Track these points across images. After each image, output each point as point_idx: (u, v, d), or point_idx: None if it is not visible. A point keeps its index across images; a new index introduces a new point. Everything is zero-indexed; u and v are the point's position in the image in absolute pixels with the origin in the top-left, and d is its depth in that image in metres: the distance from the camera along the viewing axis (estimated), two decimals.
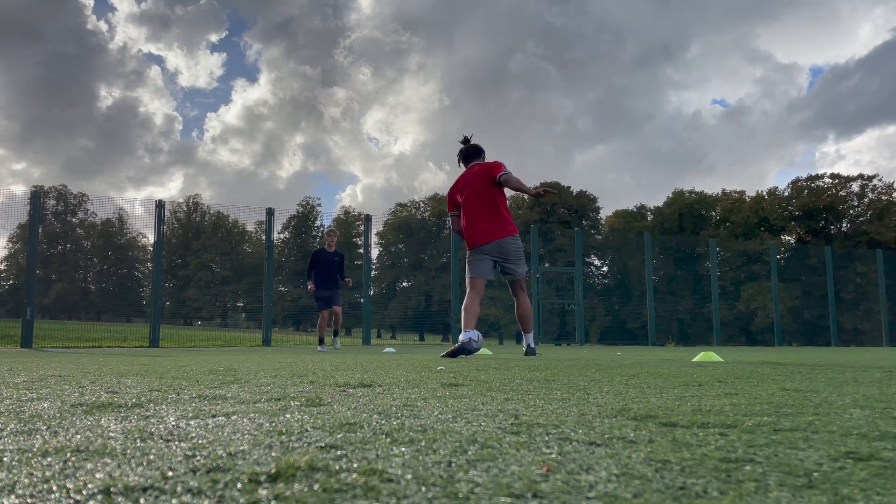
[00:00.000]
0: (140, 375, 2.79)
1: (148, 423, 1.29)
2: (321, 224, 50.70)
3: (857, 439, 1.11)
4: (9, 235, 34.31)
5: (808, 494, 0.74)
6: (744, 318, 38.68)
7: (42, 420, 1.35)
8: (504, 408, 1.57)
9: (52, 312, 37.72)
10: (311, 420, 1.33)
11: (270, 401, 1.72)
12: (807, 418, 1.39)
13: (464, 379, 2.56)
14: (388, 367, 3.55)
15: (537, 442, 1.07)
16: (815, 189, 48.60)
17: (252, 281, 41.68)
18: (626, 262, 40.39)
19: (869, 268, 29.52)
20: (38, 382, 2.39)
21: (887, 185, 47.15)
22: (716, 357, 4.64)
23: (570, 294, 25.05)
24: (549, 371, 3.13)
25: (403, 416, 1.41)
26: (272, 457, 0.93)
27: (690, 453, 0.98)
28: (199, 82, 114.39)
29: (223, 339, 18.85)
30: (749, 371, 3.18)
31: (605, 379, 2.60)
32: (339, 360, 4.73)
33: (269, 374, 2.86)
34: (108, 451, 0.98)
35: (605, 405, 1.63)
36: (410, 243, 44.87)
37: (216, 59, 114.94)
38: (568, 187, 51.28)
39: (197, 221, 52.04)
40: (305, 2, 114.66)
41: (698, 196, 50.90)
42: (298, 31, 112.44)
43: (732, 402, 1.72)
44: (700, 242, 39.21)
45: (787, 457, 0.96)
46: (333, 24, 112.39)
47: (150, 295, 19.91)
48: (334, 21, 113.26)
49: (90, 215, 46.96)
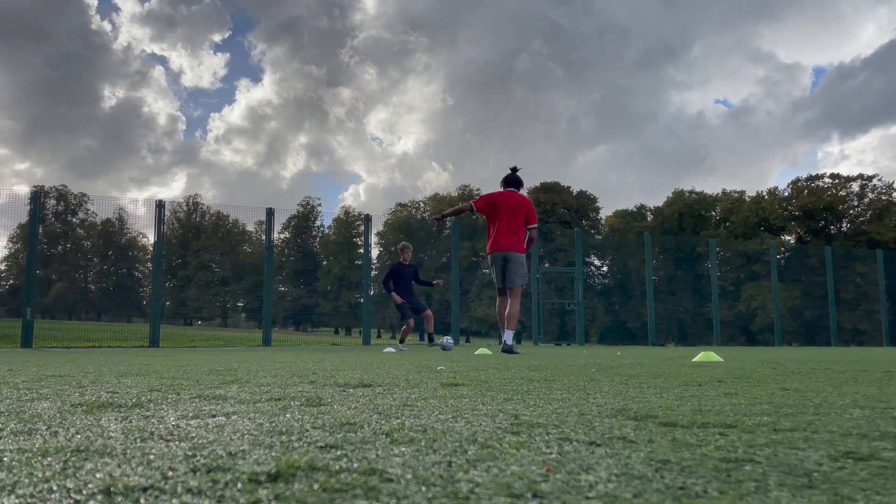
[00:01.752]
0: (140, 375, 2.79)
1: (148, 423, 1.29)
2: (321, 224, 50.73)
3: (857, 439, 1.11)
4: (9, 235, 34.35)
5: (808, 494, 0.74)
6: (744, 318, 38.67)
7: (42, 420, 1.35)
8: (504, 408, 1.57)
9: (52, 312, 37.73)
10: (311, 420, 1.33)
11: (270, 401, 1.72)
12: (807, 418, 1.39)
13: (464, 379, 2.56)
14: (388, 367, 3.55)
15: (537, 442, 1.07)
16: (815, 189, 48.61)
17: (252, 281, 41.69)
18: (626, 262, 40.39)
19: (869, 268, 29.49)
20: (38, 382, 2.39)
21: (887, 185, 47.17)
22: (716, 357, 4.64)
23: (570, 294, 25.06)
24: (549, 371, 3.13)
25: (403, 416, 1.41)
26: (272, 457, 0.93)
27: (690, 453, 0.98)
28: (202, 82, 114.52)
29: (223, 339, 18.86)
30: (749, 371, 3.18)
31: (605, 379, 2.60)
32: (339, 360, 4.73)
33: (269, 374, 2.86)
34: (108, 451, 0.98)
35: (605, 405, 1.63)
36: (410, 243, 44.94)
37: (219, 60, 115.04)
38: (568, 187, 51.29)
39: (197, 221, 52.03)
40: (310, 2, 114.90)
41: (698, 196, 50.91)
42: (303, 30, 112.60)
43: (732, 402, 1.72)
44: (700, 242, 39.22)
45: (787, 457, 0.96)
46: (338, 25, 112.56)
47: (150, 295, 19.91)
48: (339, 21, 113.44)
49: (90, 215, 46.99)
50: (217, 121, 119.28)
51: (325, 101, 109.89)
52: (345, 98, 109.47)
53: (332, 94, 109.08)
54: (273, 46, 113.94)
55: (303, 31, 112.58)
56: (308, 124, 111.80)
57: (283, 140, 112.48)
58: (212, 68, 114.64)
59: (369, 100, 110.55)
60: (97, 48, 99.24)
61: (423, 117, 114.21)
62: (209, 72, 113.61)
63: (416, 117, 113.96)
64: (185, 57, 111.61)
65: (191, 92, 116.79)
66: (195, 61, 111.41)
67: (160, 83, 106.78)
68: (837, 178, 48.74)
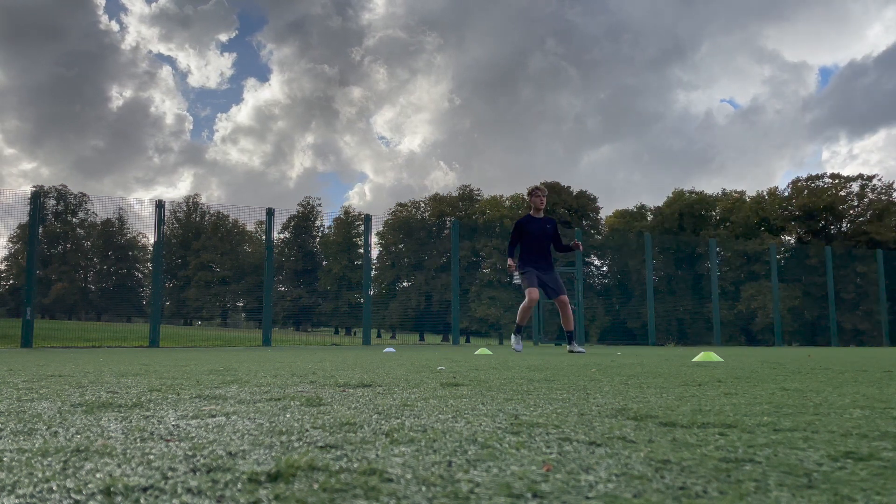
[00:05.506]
0: (140, 375, 2.79)
1: (148, 423, 1.29)
2: (321, 224, 50.69)
3: (857, 439, 1.11)
4: (9, 235, 34.34)
5: (808, 494, 0.74)
6: (744, 318, 38.65)
7: (42, 420, 1.35)
8: (504, 408, 1.57)
9: (52, 312, 37.71)
10: (311, 420, 1.33)
11: (270, 401, 1.72)
12: (807, 418, 1.39)
13: (464, 379, 2.56)
14: (388, 367, 3.55)
15: (537, 442, 1.07)
16: (815, 189, 48.58)
17: (252, 281, 41.66)
18: (626, 262, 40.36)
19: (869, 268, 29.49)
20: (38, 382, 2.39)
21: (887, 185, 47.15)
22: (716, 357, 4.64)
23: (571, 294, 25.03)
24: (549, 371, 3.13)
25: (403, 416, 1.41)
26: (272, 457, 0.93)
27: (690, 453, 0.98)
28: (209, 83, 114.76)
29: (223, 339, 18.85)
30: (749, 371, 3.18)
31: (605, 379, 2.60)
32: (338, 360, 4.73)
33: (269, 374, 2.86)
34: (108, 451, 0.98)
35: (605, 405, 1.63)
36: (410, 243, 44.85)
37: (226, 60, 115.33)
38: (568, 187, 51.28)
39: (197, 221, 52.01)
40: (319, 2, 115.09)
41: (698, 196, 50.88)
42: (312, 30, 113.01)
43: (732, 402, 1.72)
44: (700, 242, 39.20)
45: (787, 457, 0.95)
46: (347, 25, 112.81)
47: (150, 295, 19.90)
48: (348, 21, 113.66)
49: (90, 215, 46.98)
50: (224, 121, 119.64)
51: (336, 101, 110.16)
52: (355, 97, 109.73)
53: (342, 94, 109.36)
54: (281, 46, 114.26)
55: (311, 30, 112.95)
56: (315, 124, 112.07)
57: (290, 140, 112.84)
58: (219, 68, 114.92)
59: (378, 99, 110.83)
60: (105, 48, 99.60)
61: (430, 117, 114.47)
62: (216, 72, 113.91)
63: (424, 117, 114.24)
64: (193, 57, 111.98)
65: (198, 92, 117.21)
66: (202, 61, 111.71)
67: (168, 83, 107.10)
68: (837, 178, 48.72)
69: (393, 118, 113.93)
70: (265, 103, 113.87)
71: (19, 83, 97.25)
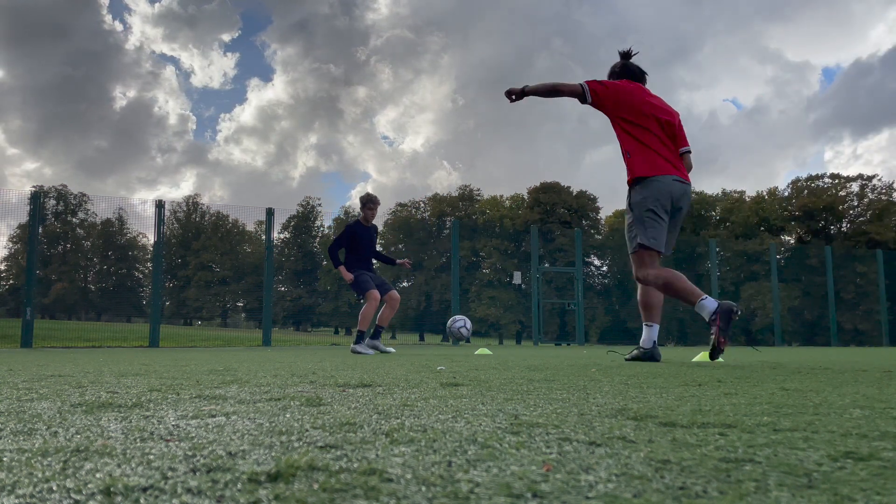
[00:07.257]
0: (140, 375, 2.79)
1: (148, 423, 1.29)
2: (321, 224, 50.67)
3: (857, 439, 1.11)
4: (9, 235, 34.32)
5: (808, 494, 0.74)
6: (744, 318, 38.65)
7: (42, 420, 1.35)
8: (504, 408, 1.57)
9: (52, 312, 37.72)
10: (311, 420, 1.33)
11: (270, 401, 1.72)
12: (807, 418, 1.39)
13: (464, 379, 2.56)
14: (388, 367, 3.55)
15: (537, 442, 1.07)
16: (815, 189, 48.58)
17: (252, 281, 41.65)
18: (626, 262, 40.34)
19: (869, 268, 29.48)
20: (38, 382, 2.39)
21: (887, 185, 47.17)
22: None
23: (571, 294, 25.03)
24: (549, 371, 3.13)
25: (403, 415, 1.41)
26: (272, 457, 0.93)
27: (690, 453, 0.98)
28: (212, 83, 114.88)
29: (223, 339, 18.85)
30: (749, 371, 3.18)
31: (605, 379, 2.60)
32: (339, 360, 4.73)
33: (269, 374, 2.86)
34: (107, 451, 0.98)
35: (605, 405, 1.63)
36: (410, 243, 44.85)
37: (229, 60, 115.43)
38: (568, 187, 51.27)
39: (197, 221, 52.02)
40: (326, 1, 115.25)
41: (698, 196, 50.89)
42: (316, 30, 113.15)
43: (732, 402, 1.72)
44: (700, 242, 39.20)
45: (787, 457, 0.95)
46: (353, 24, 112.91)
47: (150, 295, 19.90)
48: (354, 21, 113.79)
49: (90, 215, 46.98)
50: (227, 121, 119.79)
51: (341, 100, 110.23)
52: (360, 97, 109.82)
53: (347, 93, 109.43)
54: (285, 46, 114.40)
55: (316, 30, 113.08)
56: (318, 124, 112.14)
57: (293, 140, 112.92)
58: (222, 68, 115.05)
59: (383, 99, 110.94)
60: (109, 48, 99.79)
61: (434, 117, 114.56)
62: (219, 72, 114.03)
63: (427, 117, 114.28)
64: (196, 57, 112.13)
65: (201, 92, 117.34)
66: (205, 61, 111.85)
67: (171, 83, 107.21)
68: (837, 178, 48.73)
69: (396, 118, 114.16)
70: (268, 103, 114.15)
71: (22, 83, 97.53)
